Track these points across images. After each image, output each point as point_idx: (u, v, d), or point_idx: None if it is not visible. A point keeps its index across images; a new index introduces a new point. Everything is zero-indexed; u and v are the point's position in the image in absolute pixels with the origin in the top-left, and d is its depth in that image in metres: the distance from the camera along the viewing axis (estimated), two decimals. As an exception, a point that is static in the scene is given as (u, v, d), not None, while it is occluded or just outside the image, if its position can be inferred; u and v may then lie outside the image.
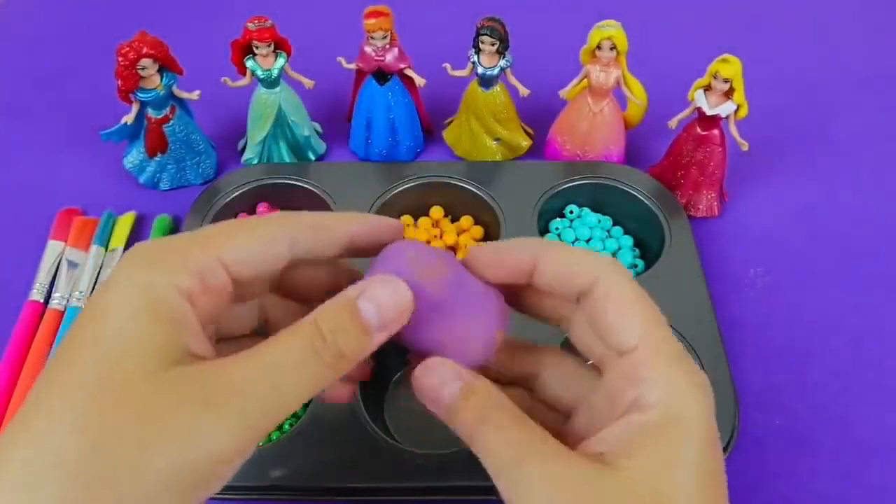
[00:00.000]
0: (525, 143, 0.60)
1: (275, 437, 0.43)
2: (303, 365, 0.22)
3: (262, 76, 0.54)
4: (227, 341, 0.28)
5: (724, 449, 0.40)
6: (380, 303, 0.23)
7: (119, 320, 0.21)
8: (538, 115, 0.61)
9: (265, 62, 0.54)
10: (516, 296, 0.28)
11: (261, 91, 0.56)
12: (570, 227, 0.54)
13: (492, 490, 0.39)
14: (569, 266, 0.25)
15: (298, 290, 0.29)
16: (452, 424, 0.25)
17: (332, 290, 0.25)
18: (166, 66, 0.52)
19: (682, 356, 0.24)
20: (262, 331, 0.29)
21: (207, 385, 0.21)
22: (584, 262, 0.26)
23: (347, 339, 0.23)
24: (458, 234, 0.54)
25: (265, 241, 0.25)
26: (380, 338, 0.24)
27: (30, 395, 0.21)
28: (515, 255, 0.26)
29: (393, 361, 0.47)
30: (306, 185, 0.54)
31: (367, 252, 0.27)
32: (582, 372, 0.28)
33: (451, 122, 0.61)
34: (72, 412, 0.20)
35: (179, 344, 0.22)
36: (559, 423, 0.27)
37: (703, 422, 0.23)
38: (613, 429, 0.23)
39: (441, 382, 0.24)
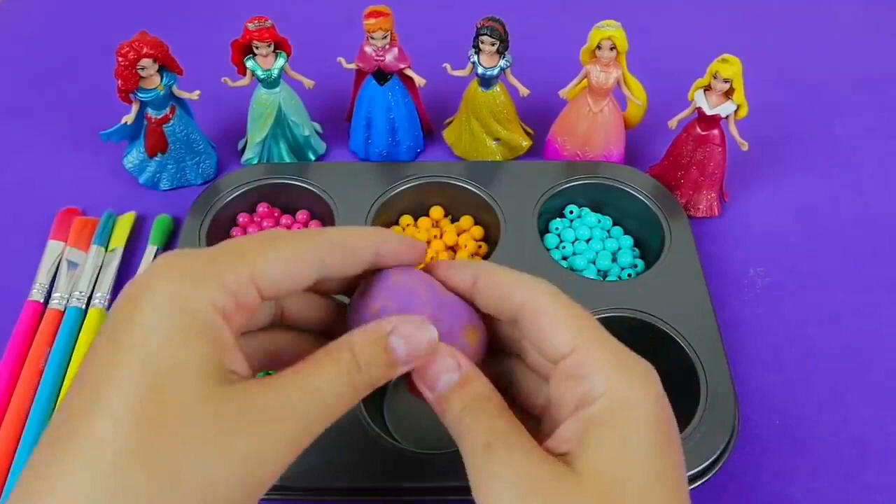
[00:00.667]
0: (525, 143, 0.60)
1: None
2: (341, 391, 0.24)
3: (262, 76, 0.54)
4: (244, 336, 0.28)
5: (724, 449, 0.40)
6: (409, 342, 0.25)
7: (160, 340, 0.21)
8: (538, 115, 0.61)
9: (265, 62, 0.54)
10: None
11: (261, 91, 0.56)
12: (570, 227, 0.54)
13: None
14: (501, 287, 0.27)
15: (319, 289, 0.29)
16: (441, 413, 0.25)
17: (353, 288, 0.27)
18: (166, 66, 0.52)
19: (621, 349, 0.25)
20: (279, 322, 0.29)
21: (257, 405, 0.22)
22: (516, 282, 0.27)
23: (378, 371, 0.24)
24: (458, 234, 0.54)
25: (297, 262, 0.25)
26: (403, 370, 0.25)
27: (68, 411, 0.21)
28: (459, 274, 0.28)
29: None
30: (306, 185, 0.54)
31: (385, 266, 0.28)
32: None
33: (451, 122, 0.61)
34: (122, 435, 0.20)
35: (221, 363, 0.22)
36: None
37: (651, 402, 0.23)
38: (567, 426, 0.24)
39: (441, 369, 0.25)
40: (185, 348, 0.21)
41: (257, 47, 0.53)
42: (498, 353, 0.30)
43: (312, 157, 0.60)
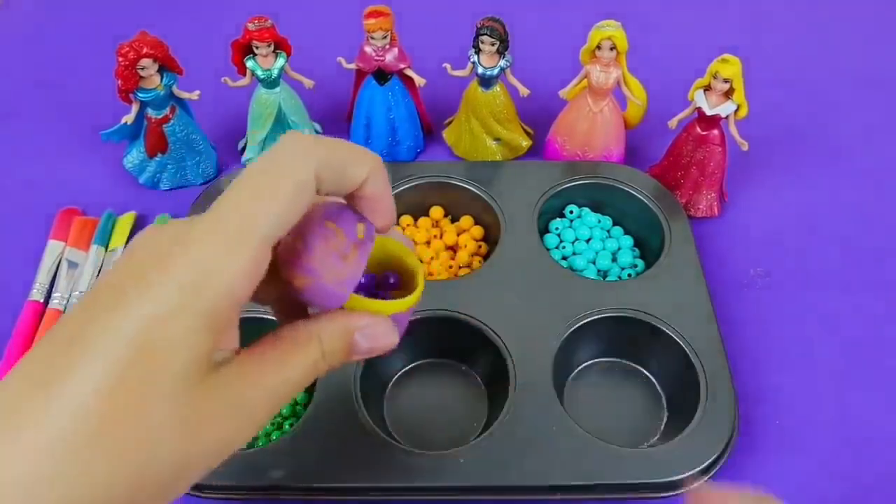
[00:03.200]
0: (525, 143, 0.60)
1: (275, 438, 0.43)
2: (306, 376, 0.25)
3: (262, 76, 0.54)
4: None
5: (724, 449, 0.40)
6: (373, 342, 0.27)
7: (166, 314, 0.21)
8: (538, 115, 0.61)
9: (265, 62, 0.54)
10: None
11: (261, 91, 0.56)
12: (570, 227, 0.54)
13: (491, 490, 0.40)
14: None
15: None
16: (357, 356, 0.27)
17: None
18: (166, 66, 0.52)
19: None
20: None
21: (233, 396, 0.23)
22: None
23: (338, 358, 0.26)
24: (458, 234, 0.53)
25: (297, 207, 0.24)
26: (357, 359, 0.27)
27: (57, 345, 0.21)
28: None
29: (393, 361, 0.47)
30: (306, 185, 0.54)
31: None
32: None
33: (451, 122, 0.61)
34: (94, 407, 0.20)
35: (212, 352, 0.23)
36: None
37: None
38: None
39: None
40: (187, 334, 0.21)
41: (257, 47, 0.53)
42: None
43: (312, 157, 0.60)
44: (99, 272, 0.51)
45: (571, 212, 0.54)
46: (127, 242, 0.53)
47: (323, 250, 0.25)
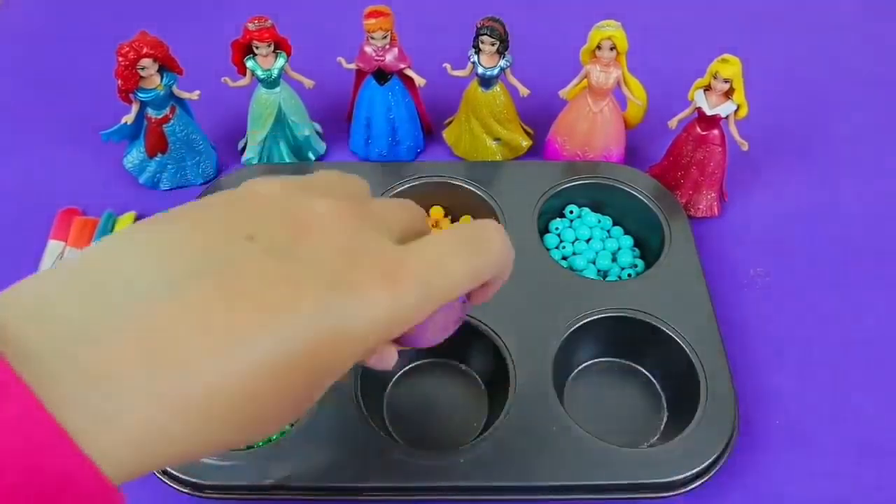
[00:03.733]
0: (525, 143, 0.60)
1: (275, 438, 0.43)
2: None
3: (262, 76, 0.54)
4: None
5: (724, 449, 0.40)
6: (380, 363, 0.29)
7: (352, 351, 0.24)
8: (538, 115, 0.61)
9: (265, 62, 0.54)
10: None
11: (261, 91, 0.56)
12: (570, 227, 0.54)
13: (491, 490, 0.40)
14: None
15: None
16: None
17: None
18: (166, 66, 0.52)
19: None
20: None
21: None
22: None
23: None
24: (458, 234, 0.53)
25: (470, 288, 0.27)
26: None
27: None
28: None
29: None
30: (306, 185, 0.54)
31: None
32: None
33: (451, 122, 0.61)
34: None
35: None
36: None
37: None
38: None
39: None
40: (353, 358, 0.25)
41: (257, 47, 0.53)
42: None
43: (312, 158, 0.60)
44: (99, 272, 0.51)
45: (571, 212, 0.54)
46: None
47: (440, 316, 0.28)
